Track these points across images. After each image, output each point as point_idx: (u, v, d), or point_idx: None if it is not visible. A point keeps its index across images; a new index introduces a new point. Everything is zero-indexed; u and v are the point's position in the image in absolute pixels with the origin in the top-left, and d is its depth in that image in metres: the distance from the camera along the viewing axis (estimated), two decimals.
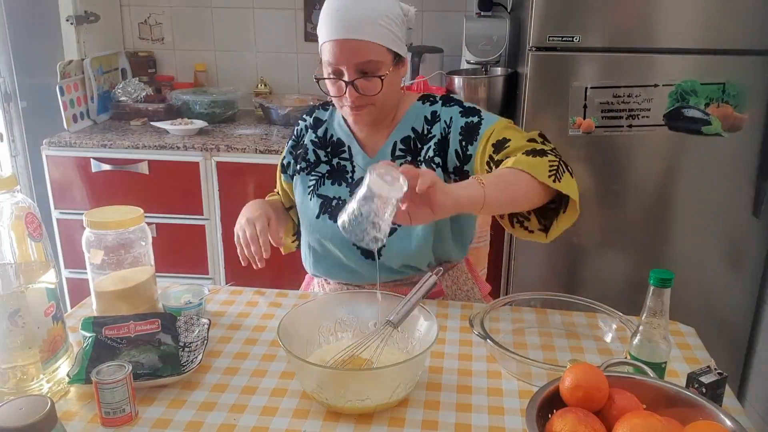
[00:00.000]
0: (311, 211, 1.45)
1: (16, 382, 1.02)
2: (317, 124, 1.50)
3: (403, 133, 1.41)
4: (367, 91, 1.30)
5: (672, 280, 1.01)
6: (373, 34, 1.26)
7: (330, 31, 1.27)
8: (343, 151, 1.46)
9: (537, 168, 1.18)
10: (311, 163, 1.48)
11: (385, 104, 1.36)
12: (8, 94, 2.57)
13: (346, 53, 1.27)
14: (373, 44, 1.27)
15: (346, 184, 1.44)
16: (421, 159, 1.40)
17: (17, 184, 1.03)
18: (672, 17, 2.02)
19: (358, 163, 1.45)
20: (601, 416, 0.87)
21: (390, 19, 1.28)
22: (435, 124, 1.39)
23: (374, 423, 1.02)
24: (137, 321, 1.16)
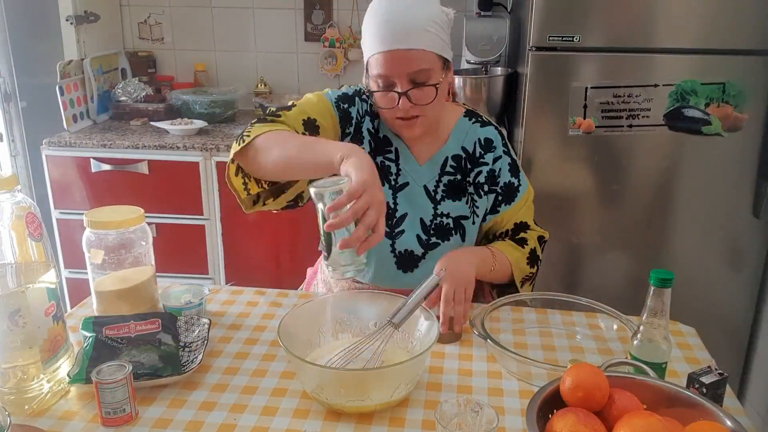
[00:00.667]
0: None
1: (16, 382, 1.02)
2: (373, 114, 1.41)
3: (453, 150, 1.41)
4: (420, 101, 1.27)
5: (672, 280, 1.01)
6: (423, 42, 1.24)
7: (379, 43, 1.24)
8: (390, 150, 1.41)
9: (521, 274, 1.43)
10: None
11: (436, 113, 1.34)
12: (8, 94, 2.57)
13: (397, 63, 1.24)
14: (424, 52, 1.24)
15: (389, 185, 1.40)
16: (469, 180, 1.41)
17: (18, 184, 1.03)
18: (672, 17, 2.02)
19: (405, 168, 1.41)
20: (602, 416, 0.87)
21: (437, 25, 1.27)
22: (489, 153, 1.42)
23: (374, 423, 1.02)
24: (137, 321, 1.16)
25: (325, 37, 2.88)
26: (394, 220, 1.40)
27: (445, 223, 1.40)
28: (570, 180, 2.18)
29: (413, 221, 1.40)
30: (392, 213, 1.40)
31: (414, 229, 1.40)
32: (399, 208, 1.41)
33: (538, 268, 1.47)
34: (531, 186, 1.49)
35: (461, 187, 1.42)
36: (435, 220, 1.40)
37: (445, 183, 1.41)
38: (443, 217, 1.40)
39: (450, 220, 1.40)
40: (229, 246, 2.50)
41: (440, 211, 1.41)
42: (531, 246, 1.45)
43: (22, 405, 1.02)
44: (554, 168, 2.17)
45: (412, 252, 1.40)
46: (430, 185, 1.41)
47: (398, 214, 1.40)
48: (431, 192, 1.41)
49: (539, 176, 2.19)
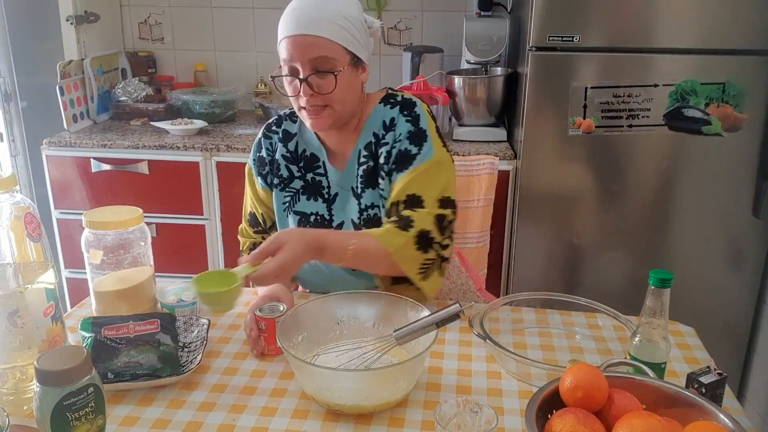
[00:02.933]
0: (289, 227, 1.45)
1: (15, 383, 1.02)
2: (287, 138, 1.46)
3: (366, 139, 1.40)
4: (321, 89, 1.29)
5: (671, 281, 1.01)
6: (327, 31, 1.27)
7: (286, 29, 1.30)
8: (318, 166, 1.44)
9: (413, 264, 1.29)
10: (285, 178, 1.45)
11: (343, 107, 1.34)
12: (8, 94, 2.57)
13: (299, 49, 1.28)
14: (326, 40, 1.28)
15: (323, 199, 1.43)
16: (380, 163, 1.38)
17: (16, 184, 1.03)
18: (672, 17, 2.02)
19: (332, 179, 1.43)
20: (601, 416, 0.87)
21: (347, 20, 1.29)
22: (390, 131, 1.37)
23: (374, 423, 1.02)
24: (136, 321, 1.16)
25: None
26: None
27: (372, 214, 1.39)
28: (570, 180, 2.18)
29: (347, 226, 1.42)
30: (328, 225, 1.43)
31: None
32: (334, 218, 1.43)
33: (440, 252, 1.32)
34: (446, 157, 1.37)
35: (375, 172, 1.39)
36: (362, 216, 1.40)
37: (362, 174, 1.39)
38: (368, 209, 1.39)
39: (375, 210, 1.39)
40: (229, 246, 2.49)
41: (363, 205, 1.40)
42: (418, 227, 1.29)
43: (21, 405, 1.03)
44: (554, 168, 2.17)
45: None
46: (354, 184, 1.41)
47: (334, 224, 1.43)
48: (355, 189, 1.41)
49: (539, 176, 2.19)
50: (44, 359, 0.89)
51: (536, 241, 2.24)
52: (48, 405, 0.86)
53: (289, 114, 1.49)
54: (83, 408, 0.88)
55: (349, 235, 1.30)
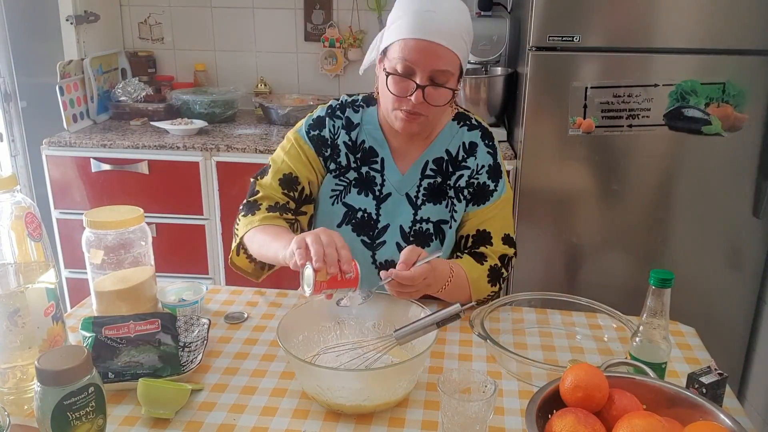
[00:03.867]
0: (334, 217, 1.42)
1: (15, 382, 1.02)
2: (350, 126, 1.42)
3: (436, 153, 1.40)
4: (432, 101, 1.27)
5: (672, 280, 1.01)
6: (456, 46, 1.25)
7: (414, 29, 1.23)
8: (375, 161, 1.41)
9: (480, 292, 1.36)
10: (342, 167, 1.41)
11: (437, 119, 1.35)
12: (8, 94, 2.57)
13: (427, 55, 1.23)
14: (454, 55, 1.25)
15: (373, 196, 1.41)
16: (450, 184, 1.39)
17: (17, 184, 1.03)
18: (672, 17, 2.02)
19: (389, 179, 1.41)
20: (601, 417, 0.87)
21: (469, 36, 1.29)
22: (471, 157, 1.39)
23: (374, 423, 1.02)
24: (137, 321, 1.16)
25: (325, 37, 2.88)
26: (375, 231, 1.40)
27: (425, 228, 1.39)
28: (570, 180, 2.18)
29: (394, 231, 1.40)
30: (374, 224, 1.40)
31: (394, 238, 1.40)
32: (381, 219, 1.41)
33: (500, 288, 1.40)
34: (511, 194, 1.43)
35: (441, 190, 1.40)
36: (414, 226, 1.40)
37: (425, 187, 1.40)
38: (423, 222, 1.40)
39: (430, 225, 1.40)
40: (229, 246, 2.49)
41: (420, 217, 1.40)
42: (491, 263, 1.37)
43: (22, 405, 1.02)
44: (554, 168, 2.17)
45: (393, 261, 1.38)
46: (411, 192, 1.40)
47: (380, 225, 1.41)
48: (413, 198, 1.40)
49: (539, 176, 2.19)
50: (45, 359, 0.89)
51: (536, 241, 2.24)
52: (48, 404, 0.86)
53: (351, 102, 1.44)
54: (84, 408, 0.88)
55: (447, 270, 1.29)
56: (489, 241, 1.39)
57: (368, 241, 1.40)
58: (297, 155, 1.42)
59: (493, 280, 1.37)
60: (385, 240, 1.40)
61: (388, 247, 1.39)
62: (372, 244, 1.40)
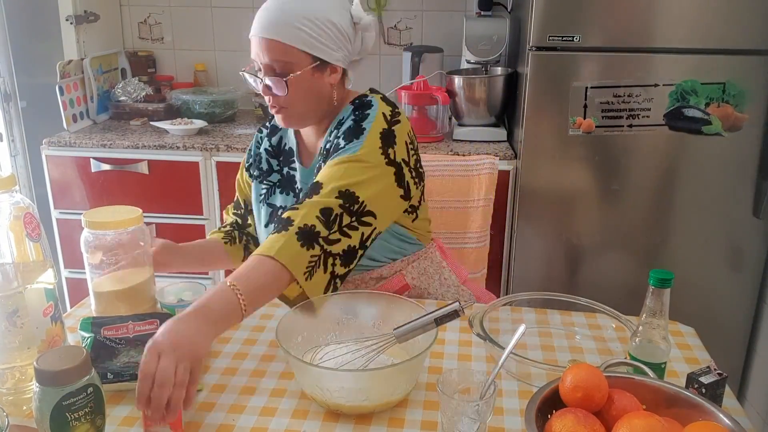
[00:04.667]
0: (262, 219, 1.48)
1: (14, 383, 1.02)
2: (273, 132, 1.51)
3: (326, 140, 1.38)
4: (275, 92, 1.31)
5: (672, 281, 1.01)
6: (284, 35, 1.27)
7: (252, 28, 1.32)
8: (293, 160, 1.46)
9: (299, 264, 1.14)
10: (264, 171, 1.49)
11: (303, 110, 1.33)
12: (8, 94, 2.57)
13: (259, 51, 1.31)
14: (282, 44, 1.28)
15: (294, 194, 1.44)
16: None
17: (16, 184, 1.03)
18: (672, 17, 2.02)
19: (298, 175, 1.44)
20: (601, 417, 0.87)
21: (311, 23, 1.26)
22: (336, 130, 1.34)
23: (374, 423, 1.02)
24: (136, 321, 1.16)
25: None
26: None
27: None
28: (570, 180, 2.18)
29: None
30: None
31: None
32: None
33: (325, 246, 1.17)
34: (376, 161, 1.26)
35: None
36: None
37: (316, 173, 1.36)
38: None
39: None
40: None
41: None
42: (300, 223, 1.16)
43: (20, 405, 1.02)
44: (554, 168, 2.17)
45: None
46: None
47: None
48: None
49: (539, 176, 2.19)
50: (44, 359, 0.89)
51: (536, 241, 2.24)
52: (47, 405, 0.86)
53: None
54: (83, 408, 0.88)
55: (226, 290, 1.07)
56: (318, 189, 1.22)
57: None
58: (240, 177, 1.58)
59: (308, 241, 1.15)
60: None
61: None
62: None
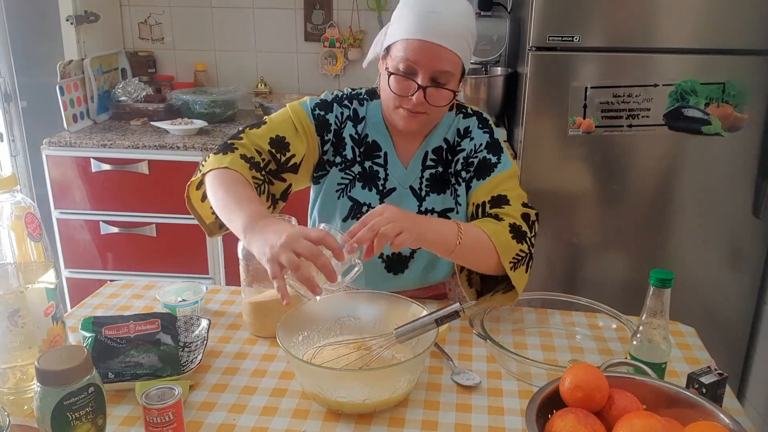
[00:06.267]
0: (338, 212, 1.41)
1: (15, 382, 1.02)
2: (356, 119, 1.41)
3: (435, 143, 1.40)
4: (434, 101, 1.27)
5: (672, 281, 1.01)
6: (458, 47, 1.25)
7: (417, 30, 1.23)
8: (378, 155, 1.41)
9: (507, 251, 1.26)
10: (347, 160, 1.40)
11: (439, 117, 1.36)
12: (8, 94, 2.57)
13: (429, 55, 1.24)
14: (456, 56, 1.25)
15: (377, 190, 1.40)
16: (451, 171, 1.40)
17: (17, 184, 1.03)
18: (672, 17, 2.02)
19: (392, 173, 1.40)
20: (601, 416, 0.87)
21: (472, 37, 1.29)
22: (466, 139, 1.39)
23: (374, 423, 1.02)
24: (137, 321, 1.16)
25: (325, 37, 2.88)
26: None
27: None
28: (570, 180, 2.18)
29: None
30: None
31: None
32: None
33: (530, 248, 1.31)
34: (516, 168, 1.40)
35: (444, 179, 1.40)
36: None
37: (428, 178, 1.40)
38: (427, 213, 1.39)
39: (435, 215, 1.39)
40: (229, 246, 2.49)
41: (425, 208, 1.39)
42: (510, 220, 1.30)
43: (22, 405, 1.02)
44: (554, 168, 2.17)
45: (400, 254, 1.39)
46: (415, 184, 1.40)
47: None
48: (417, 190, 1.40)
49: (539, 176, 2.19)
50: (45, 359, 0.89)
51: (536, 241, 2.24)
52: (48, 405, 0.86)
53: (356, 95, 1.43)
54: (84, 408, 0.89)
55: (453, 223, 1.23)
56: (507, 202, 1.34)
57: None
58: (294, 127, 1.37)
59: (518, 237, 1.28)
60: None
61: None
62: None
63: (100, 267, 2.58)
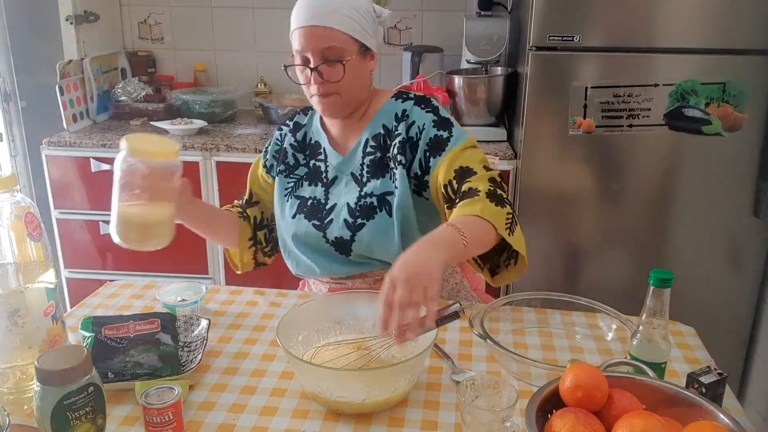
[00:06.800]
0: (288, 211, 1.48)
1: (15, 382, 1.02)
2: (297, 129, 1.53)
3: (374, 130, 1.42)
4: (330, 77, 1.33)
5: (672, 280, 1.01)
6: (336, 21, 1.31)
7: (298, 20, 1.34)
8: (320, 153, 1.48)
9: (498, 219, 1.23)
10: (290, 166, 1.51)
11: (351, 95, 1.38)
12: (8, 94, 2.57)
13: (310, 39, 1.32)
14: (335, 30, 1.31)
15: (321, 184, 1.47)
16: (389, 155, 1.41)
17: (17, 184, 1.03)
18: (672, 17, 2.02)
19: (331, 163, 1.46)
20: (601, 416, 0.87)
21: (356, 11, 1.33)
22: (402, 122, 1.40)
23: (374, 423, 1.02)
24: (137, 321, 1.17)
25: None
26: (323, 213, 1.44)
27: (369, 202, 1.40)
28: (570, 180, 2.18)
29: (340, 209, 1.42)
30: (322, 207, 1.45)
31: (341, 216, 1.42)
32: (329, 201, 1.45)
33: (511, 207, 1.30)
34: (472, 139, 1.39)
35: (383, 164, 1.42)
36: (360, 201, 1.41)
37: (368, 164, 1.42)
38: (368, 197, 1.40)
39: (374, 198, 1.39)
40: None
41: (365, 192, 1.41)
42: (484, 189, 1.28)
43: (21, 405, 1.03)
44: (554, 168, 2.17)
45: (341, 237, 1.41)
46: (356, 171, 1.43)
47: (328, 206, 1.45)
48: (358, 177, 1.43)
49: (539, 176, 2.19)
50: (44, 359, 0.89)
51: (536, 241, 2.24)
52: (48, 404, 0.86)
53: (303, 108, 1.57)
54: (83, 407, 0.89)
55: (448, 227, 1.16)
56: (472, 172, 1.32)
57: (317, 222, 1.44)
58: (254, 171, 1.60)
59: (498, 201, 1.26)
60: (332, 218, 1.43)
61: (335, 224, 1.42)
62: (321, 224, 1.43)
63: (99, 267, 2.58)
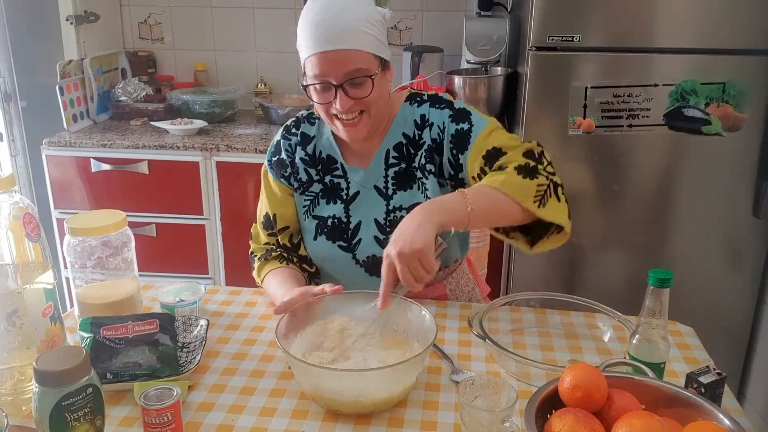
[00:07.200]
0: (308, 232, 1.43)
1: (13, 383, 1.02)
2: (305, 141, 1.43)
3: (394, 140, 1.38)
4: (357, 95, 1.26)
5: (671, 280, 1.01)
6: (359, 42, 1.23)
7: (313, 45, 1.24)
8: (336, 168, 1.41)
9: (522, 191, 1.21)
10: (303, 182, 1.43)
11: (378, 111, 1.32)
12: (8, 93, 2.57)
13: (333, 64, 1.23)
14: (360, 52, 1.24)
15: (341, 201, 1.40)
16: (415, 166, 1.37)
17: (15, 185, 1.03)
18: (672, 17, 2.02)
19: (352, 179, 1.40)
20: (600, 416, 0.87)
21: (372, 24, 1.26)
22: (425, 128, 1.36)
23: (373, 423, 1.02)
24: (135, 321, 1.16)
25: None
26: (349, 233, 1.39)
27: (400, 216, 1.35)
28: (570, 180, 2.16)
29: (368, 226, 1.38)
30: (346, 226, 1.39)
31: (370, 233, 1.38)
32: (352, 219, 1.39)
33: (549, 177, 1.27)
34: (495, 122, 1.36)
35: (409, 174, 1.37)
36: (389, 216, 1.37)
37: (392, 176, 1.38)
38: (397, 210, 1.37)
39: (404, 212, 1.35)
40: (229, 246, 2.49)
41: (392, 206, 1.37)
42: (514, 164, 1.25)
43: (20, 406, 1.02)
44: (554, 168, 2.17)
45: (374, 256, 1.37)
46: (379, 184, 1.38)
47: (352, 224, 1.39)
48: (382, 189, 1.38)
49: None
50: (43, 360, 0.89)
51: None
52: (47, 405, 0.86)
53: (307, 116, 1.46)
54: (82, 408, 0.88)
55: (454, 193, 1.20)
56: (502, 153, 1.29)
57: (344, 244, 1.39)
58: (268, 191, 1.47)
59: (529, 173, 1.23)
60: (361, 238, 1.38)
61: (365, 243, 1.38)
62: (348, 246, 1.39)
63: None
